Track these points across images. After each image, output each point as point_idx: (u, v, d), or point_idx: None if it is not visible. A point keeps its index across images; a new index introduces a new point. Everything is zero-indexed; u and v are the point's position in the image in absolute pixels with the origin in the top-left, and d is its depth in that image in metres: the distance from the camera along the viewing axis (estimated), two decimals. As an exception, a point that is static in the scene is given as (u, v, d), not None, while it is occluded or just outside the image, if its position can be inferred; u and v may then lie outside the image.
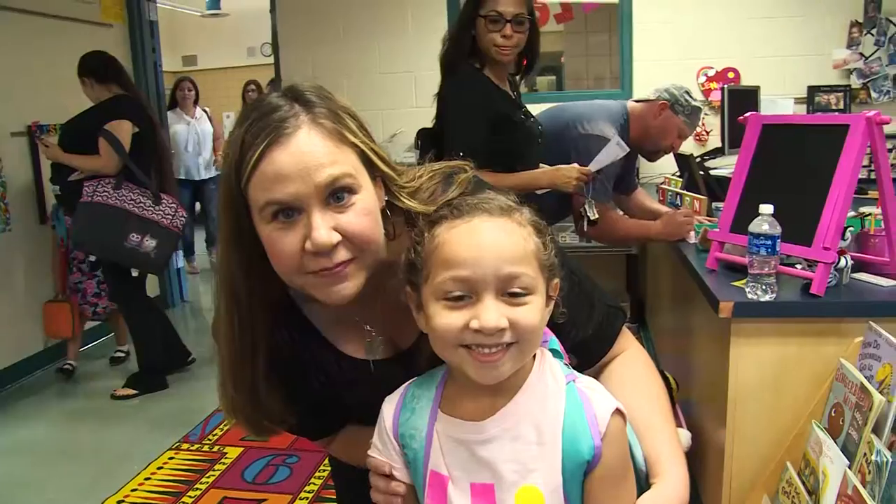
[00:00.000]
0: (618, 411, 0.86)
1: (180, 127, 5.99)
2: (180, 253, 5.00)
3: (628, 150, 2.62)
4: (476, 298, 0.81)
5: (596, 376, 1.07)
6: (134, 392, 3.74)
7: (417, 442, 0.90)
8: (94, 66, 3.62)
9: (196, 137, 6.12)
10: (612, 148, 2.54)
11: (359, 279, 0.92)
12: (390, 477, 0.93)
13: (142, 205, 3.47)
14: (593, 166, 2.49)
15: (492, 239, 0.82)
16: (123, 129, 3.50)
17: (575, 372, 0.92)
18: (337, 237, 0.87)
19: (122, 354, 4.25)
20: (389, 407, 0.94)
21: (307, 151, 0.85)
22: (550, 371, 0.89)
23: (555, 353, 0.94)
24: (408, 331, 1.02)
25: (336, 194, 0.87)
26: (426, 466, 0.89)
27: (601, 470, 0.84)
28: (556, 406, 0.86)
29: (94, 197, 3.40)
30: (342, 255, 0.88)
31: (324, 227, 0.86)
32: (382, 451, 0.94)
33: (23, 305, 4.08)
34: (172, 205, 3.58)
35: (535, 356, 0.90)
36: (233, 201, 0.88)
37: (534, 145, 2.52)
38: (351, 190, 0.88)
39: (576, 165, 2.45)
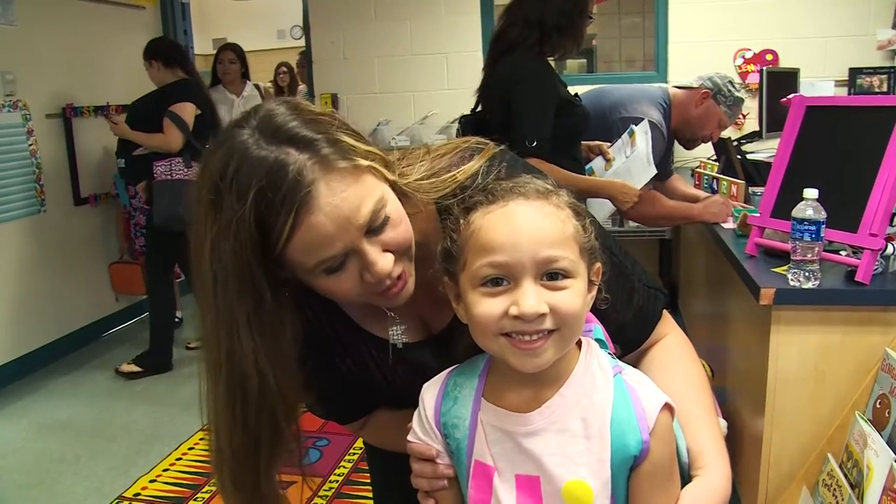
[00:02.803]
0: (667, 406, 0.83)
1: (222, 109, 4.42)
2: None
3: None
4: (514, 284, 0.78)
5: (636, 362, 1.04)
6: (139, 370, 3.85)
7: (461, 431, 0.88)
8: (163, 50, 3.81)
9: None
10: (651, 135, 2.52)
11: (413, 276, 0.91)
12: (435, 462, 0.91)
13: None
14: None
15: (529, 222, 0.79)
16: (188, 111, 3.69)
17: (621, 363, 0.89)
18: (391, 258, 0.86)
19: (177, 320, 4.36)
20: (430, 396, 0.91)
21: (337, 205, 0.80)
22: (597, 362, 0.86)
23: (600, 343, 0.91)
24: (440, 314, 1.00)
25: (375, 224, 0.84)
26: (470, 456, 0.87)
27: (648, 466, 0.81)
28: (603, 399, 0.83)
29: (173, 174, 3.61)
30: (398, 266, 0.87)
31: (380, 257, 0.84)
32: (423, 440, 0.91)
33: (56, 287, 4.14)
34: None
35: (580, 346, 0.87)
36: (251, 279, 0.81)
37: (587, 127, 2.50)
38: (387, 214, 0.85)
39: (637, 189, 2.42)
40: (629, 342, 1.04)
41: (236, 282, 0.81)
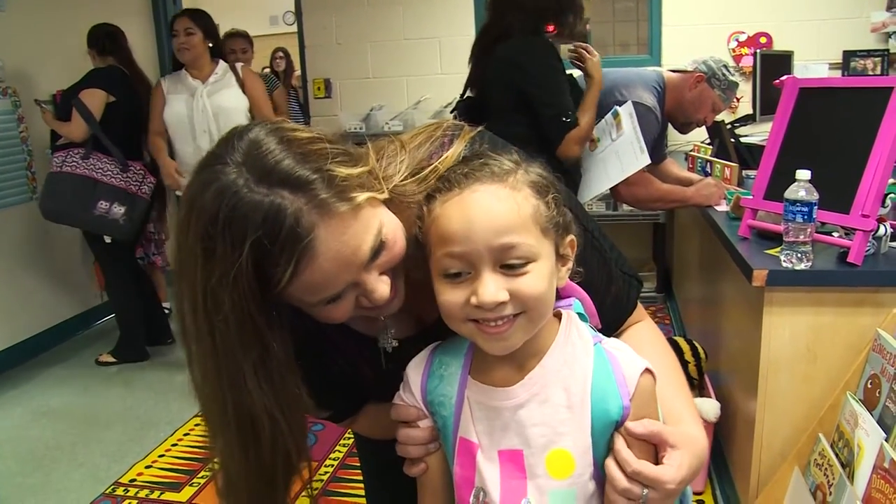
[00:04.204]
0: (647, 371, 0.83)
1: (178, 101, 3.43)
2: None
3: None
4: (474, 273, 0.78)
5: None
6: (114, 360, 3.84)
7: (447, 409, 0.89)
8: (97, 38, 3.66)
9: (205, 116, 3.39)
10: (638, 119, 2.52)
11: (403, 284, 0.90)
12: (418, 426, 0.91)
13: (109, 173, 3.50)
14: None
15: (481, 209, 0.78)
16: (95, 98, 3.50)
17: (601, 335, 0.89)
18: (388, 282, 0.85)
19: (167, 311, 4.31)
20: (416, 374, 0.92)
21: (339, 250, 0.77)
22: (577, 332, 0.87)
23: (580, 316, 0.91)
24: (432, 307, 0.98)
25: (375, 255, 0.82)
26: (455, 433, 0.88)
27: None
28: (584, 368, 0.84)
29: (63, 167, 3.46)
30: (391, 280, 0.86)
31: (378, 284, 0.83)
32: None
33: (49, 274, 4.12)
34: (140, 171, 3.61)
35: (560, 319, 0.88)
36: (254, 330, 0.78)
37: None
38: (383, 239, 0.83)
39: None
40: (603, 327, 1.04)
41: (238, 334, 0.77)
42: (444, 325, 0.95)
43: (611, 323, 1.05)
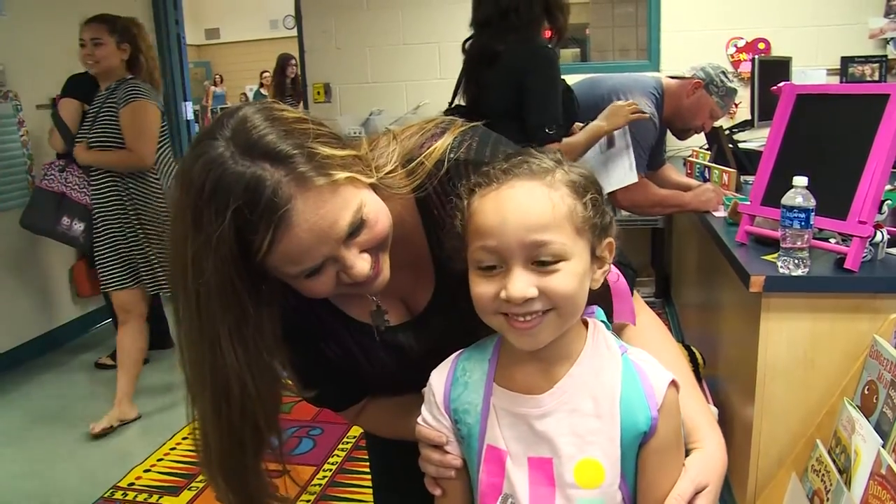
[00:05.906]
0: (673, 383, 0.84)
1: None
2: None
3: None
4: (506, 268, 0.80)
5: None
6: (113, 363, 3.77)
7: (472, 417, 0.89)
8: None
9: None
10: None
11: (388, 262, 0.91)
12: (443, 450, 0.91)
13: (77, 187, 3.38)
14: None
15: (515, 206, 0.80)
16: (69, 108, 3.41)
17: (625, 343, 0.90)
18: (368, 259, 0.86)
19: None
20: (439, 381, 0.92)
21: (315, 222, 0.80)
22: (604, 342, 0.87)
23: (604, 324, 0.92)
24: (420, 295, 1.00)
25: (354, 231, 0.84)
26: (482, 441, 0.88)
27: (656, 442, 0.83)
28: (612, 378, 0.84)
29: (42, 181, 3.40)
30: (373, 260, 0.88)
31: (357, 260, 0.85)
32: (433, 426, 0.92)
33: (50, 277, 4.13)
34: None
35: (588, 327, 0.88)
36: (234, 294, 0.82)
37: (577, 115, 2.58)
38: (363, 217, 0.85)
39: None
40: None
41: (219, 297, 0.81)
42: (431, 315, 0.96)
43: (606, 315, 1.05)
